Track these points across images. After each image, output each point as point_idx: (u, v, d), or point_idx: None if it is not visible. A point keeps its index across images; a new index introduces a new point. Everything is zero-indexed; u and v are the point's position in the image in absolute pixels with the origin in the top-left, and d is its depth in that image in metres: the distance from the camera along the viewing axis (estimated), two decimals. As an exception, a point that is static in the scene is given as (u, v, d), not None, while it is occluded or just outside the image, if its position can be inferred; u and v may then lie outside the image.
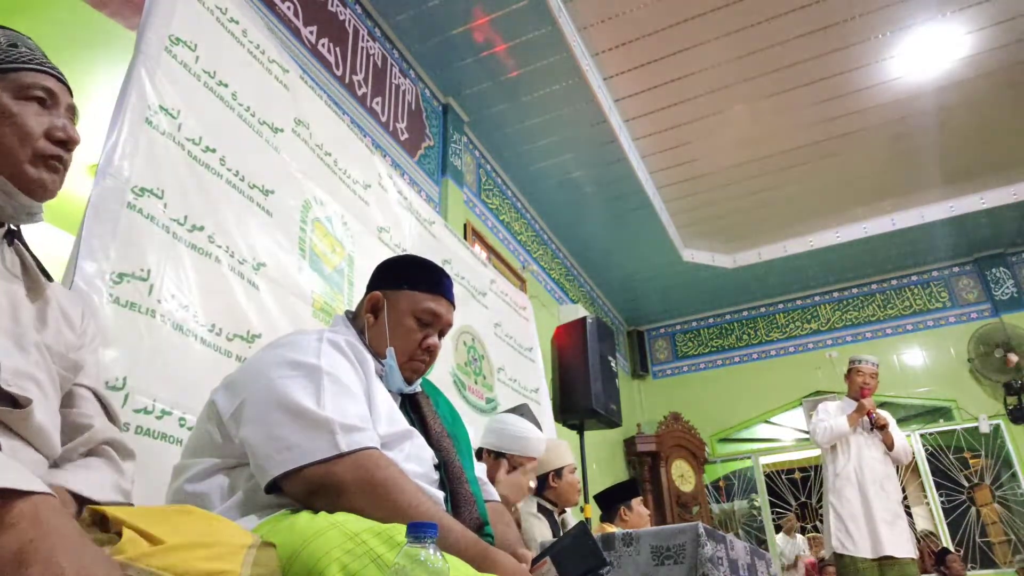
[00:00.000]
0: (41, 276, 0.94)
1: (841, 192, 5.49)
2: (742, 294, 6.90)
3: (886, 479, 3.56)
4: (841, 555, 3.48)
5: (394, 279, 1.38)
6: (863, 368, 3.72)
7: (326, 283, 2.22)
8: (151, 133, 1.67)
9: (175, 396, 1.50)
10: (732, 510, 6.68)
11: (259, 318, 1.84)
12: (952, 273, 6.37)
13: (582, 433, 3.40)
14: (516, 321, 3.81)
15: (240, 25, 2.16)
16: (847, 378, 3.81)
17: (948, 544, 5.56)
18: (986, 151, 5.06)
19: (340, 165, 2.55)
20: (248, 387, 1.14)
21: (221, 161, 1.90)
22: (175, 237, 1.66)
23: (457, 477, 1.27)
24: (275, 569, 0.77)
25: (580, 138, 4.61)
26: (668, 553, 1.92)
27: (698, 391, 7.00)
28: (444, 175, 3.99)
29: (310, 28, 3.04)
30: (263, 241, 1.98)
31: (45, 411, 0.83)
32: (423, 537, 0.75)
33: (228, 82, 2.01)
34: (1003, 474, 5.74)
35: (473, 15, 3.70)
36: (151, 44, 1.74)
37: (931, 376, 6.09)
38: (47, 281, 0.94)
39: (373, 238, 2.61)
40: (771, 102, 4.55)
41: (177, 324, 1.58)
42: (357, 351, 1.25)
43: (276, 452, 1.04)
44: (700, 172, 5.22)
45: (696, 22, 3.92)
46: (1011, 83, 4.44)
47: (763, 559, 2.55)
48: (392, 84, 3.70)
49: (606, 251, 6.00)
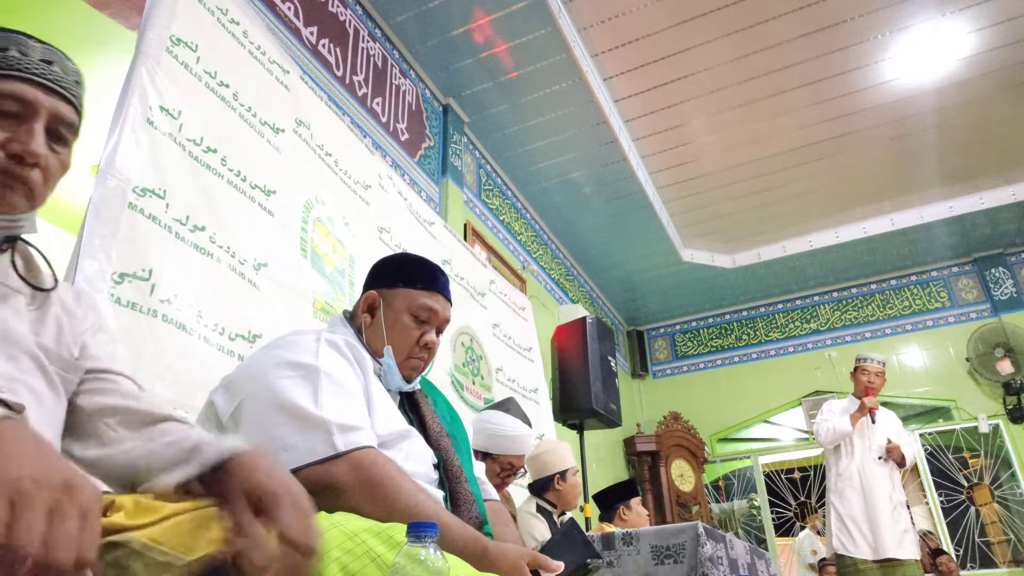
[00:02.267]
0: (47, 279, 0.93)
1: (840, 192, 5.50)
2: (742, 294, 6.90)
3: (888, 480, 3.55)
4: (842, 556, 3.48)
5: (389, 277, 1.38)
6: (868, 367, 3.70)
7: (327, 283, 2.23)
8: (152, 134, 1.68)
9: (177, 395, 1.51)
10: (732, 510, 6.69)
11: (261, 318, 1.85)
12: (951, 273, 6.38)
13: (582, 433, 3.41)
14: (515, 321, 3.82)
15: (241, 26, 2.17)
16: (853, 376, 3.78)
17: (948, 544, 5.57)
18: (986, 151, 5.07)
19: (341, 165, 2.56)
20: (246, 387, 1.14)
21: (222, 161, 1.90)
22: (177, 237, 1.67)
23: (456, 476, 1.27)
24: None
25: (580, 138, 4.62)
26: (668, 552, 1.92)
27: (698, 391, 7.01)
28: (444, 175, 3.99)
29: (311, 29, 3.05)
30: (264, 241, 1.98)
31: (40, 417, 0.83)
32: (423, 536, 0.76)
33: (229, 83, 2.02)
34: (1002, 474, 5.75)
35: (473, 16, 3.70)
36: (152, 45, 1.74)
37: (930, 376, 6.10)
38: (53, 284, 0.93)
39: (374, 238, 2.62)
40: (771, 102, 4.55)
41: (179, 324, 1.59)
42: (355, 351, 1.25)
43: (274, 452, 1.05)
44: (700, 172, 5.22)
45: (696, 23, 3.92)
46: (1011, 83, 4.44)
47: (763, 558, 2.55)
48: (392, 84, 3.70)
49: (606, 251, 6.01)
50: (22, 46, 0.85)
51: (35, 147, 0.83)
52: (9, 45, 0.84)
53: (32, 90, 0.84)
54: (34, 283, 0.90)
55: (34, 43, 0.87)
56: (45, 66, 0.86)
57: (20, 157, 0.82)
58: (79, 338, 0.96)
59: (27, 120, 0.84)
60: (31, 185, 0.84)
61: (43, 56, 0.87)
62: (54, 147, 0.87)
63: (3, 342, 0.82)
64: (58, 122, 0.87)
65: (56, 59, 0.88)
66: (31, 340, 0.86)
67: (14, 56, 0.84)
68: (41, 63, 0.86)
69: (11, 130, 0.83)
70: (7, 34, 0.85)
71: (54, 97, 0.86)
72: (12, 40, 0.85)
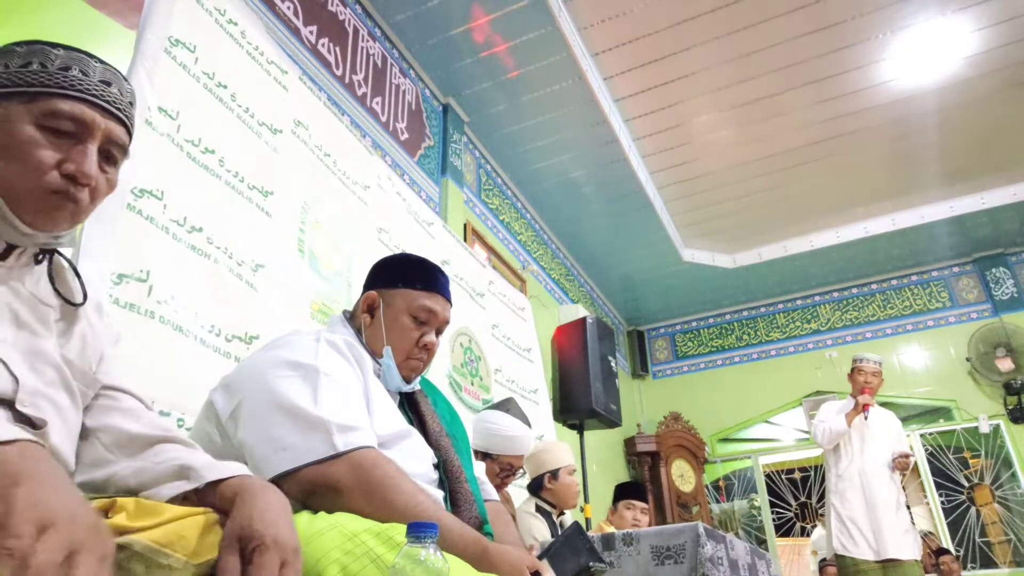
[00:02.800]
0: (78, 294, 0.94)
1: (841, 192, 5.49)
2: (742, 294, 6.90)
3: (889, 481, 3.55)
4: (843, 556, 3.48)
5: (389, 278, 1.38)
6: (864, 367, 3.72)
7: (325, 284, 2.22)
8: (150, 134, 1.67)
9: (174, 397, 1.50)
10: (732, 510, 6.68)
11: (258, 319, 1.84)
12: (952, 273, 6.37)
13: (582, 433, 3.40)
14: (514, 322, 3.81)
15: (239, 26, 2.16)
16: (850, 377, 3.79)
17: (948, 544, 5.56)
18: (986, 151, 5.06)
19: (339, 166, 2.55)
20: (246, 387, 1.14)
21: (220, 162, 1.90)
22: (175, 238, 1.67)
23: (456, 476, 1.27)
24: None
25: (580, 138, 4.61)
26: (668, 553, 1.92)
27: (698, 391, 7.00)
28: (444, 175, 3.99)
29: (310, 28, 3.04)
30: (262, 242, 1.98)
31: (61, 431, 0.83)
32: (423, 537, 0.75)
33: (227, 83, 2.02)
34: (1003, 474, 5.74)
35: (473, 15, 3.70)
36: (150, 45, 1.74)
37: (931, 376, 6.09)
38: (83, 299, 0.94)
39: (372, 239, 2.62)
40: (772, 102, 4.55)
41: (175, 325, 1.58)
42: (355, 351, 1.25)
43: (273, 452, 1.04)
44: (700, 172, 5.22)
45: (696, 22, 3.92)
46: (1012, 83, 4.44)
47: (763, 559, 2.55)
48: (392, 84, 3.70)
49: (606, 251, 6.00)
50: (84, 65, 0.86)
51: (88, 168, 0.84)
52: (72, 64, 0.85)
53: (90, 111, 0.85)
54: (67, 297, 0.91)
55: (95, 63, 0.87)
56: (104, 87, 0.87)
57: (73, 178, 0.83)
58: (99, 351, 0.96)
59: (82, 141, 0.84)
60: (80, 205, 0.85)
61: (102, 77, 0.87)
62: (104, 167, 0.88)
63: (30, 355, 0.82)
64: (111, 143, 0.88)
65: (114, 80, 0.89)
66: (57, 353, 0.86)
67: (75, 76, 0.84)
68: (100, 84, 0.86)
69: (66, 150, 0.83)
70: (71, 53, 0.86)
71: (110, 119, 0.87)
72: (75, 60, 0.86)
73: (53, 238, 0.87)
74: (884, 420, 3.73)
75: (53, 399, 0.83)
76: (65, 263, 0.94)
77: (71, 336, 0.91)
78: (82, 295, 0.94)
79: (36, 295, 0.87)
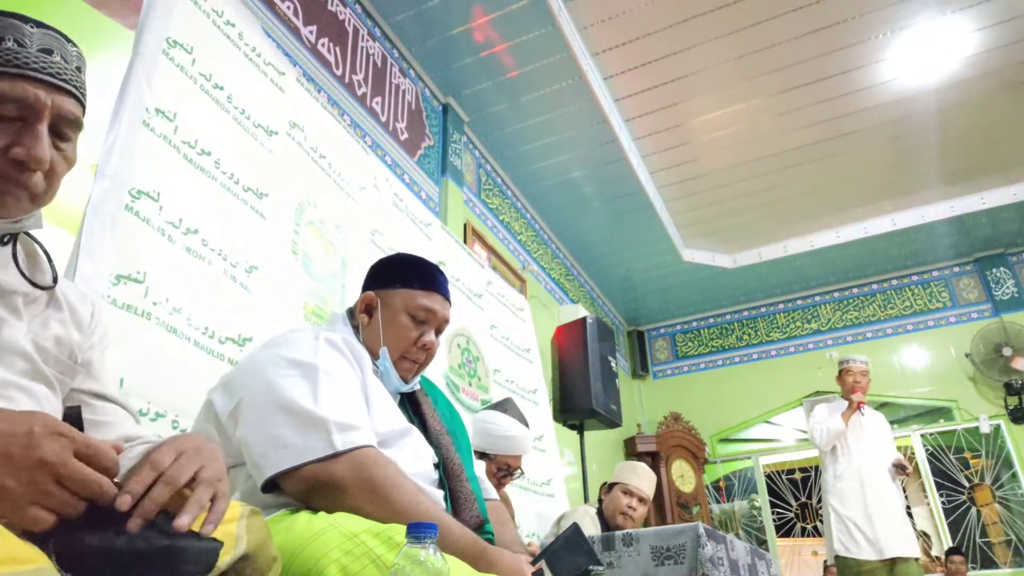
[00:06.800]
0: (48, 276, 0.89)
1: (841, 192, 5.49)
2: (742, 294, 6.89)
3: (887, 480, 3.56)
4: (844, 558, 3.48)
5: (387, 278, 1.37)
6: (853, 367, 3.78)
7: (319, 286, 2.22)
8: (148, 136, 1.67)
9: (169, 398, 1.51)
10: (732, 510, 6.67)
11: (251, 321, 1.84)
12: (952, 273, 6.36)
13: (582, 433, 3.40)
14: (513, 322, 3.81)
15: (236, 28, 2.16)
16: (839, 379, 3.87)
17: (948, 544, 5.55)
18: (986, 151, 5.05)
19: (335, 168, 2.55)
20: (245, 386, 1.14)
21: (216, 164, 1.90)
22: (170, 240, 1.67)
23: (456, 475, 1.27)
24: (267, 534, 0.77)
25: (580, 138, 4.61)
26: (668, 553, 1.91)
27: (698, 391, 7.00)
28: (444, 175, 3.99)
29: (310, 28, 3.04)
30: (256, 244, 1.97)
31: None
32: (423, 537, 0.75)
33: (224, 85, 2.02)
34: (1003, 474, 5.74)
35: (473, 15, 3.70)
36: (148, 46, 1.74)
37: (931, 376, 6.09)
38: (54, 281, 0.89)
39: (367, 241, 2.61)
40: (771, 102, 4.54)
41: (171, 327, 1.58)
42: (354, 349, 1.24)
43: (273, 451, 1.04)
44: (700, 172, 5.21)
45: (696, 22, 3.92)
46: (1012, 83, 4.43)
47: (763, 559, 2.55)
48: (392, 84, 3.69)
49: (606, 251, 6.00)
50: (18, 34, 0.78)
51: (40, 153, 0.78)
52: (5, 34, 0.77)
53: (33, 89, 0.77)
54: (35, 280, 0.86)
55: (31, 29, 0.79)
56: (45, 57, 0.79)
57: (23, 163, 0.77)
58: (87, 352, 0.93)
59: (30, 122, 0.78)
60: (33, 190, 0.80)
61: (41, 45, 0.79)
62: (58, 145, 0.82)
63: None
64: (61, 119, 0.81)
65: (56, 46, 0.81)
66: (26, 341, 0.83)
67: (11, 49, 0.77)
68: (40, 55, 0.78)
69: (12, 134, 0.77)
70: (2, 20, 0.78)
71: (56, 93, 0.79)
72: (7, 27, 0.78)
73: (13, 223, 0.82)
74: (877, 419, 3.78)
75: (27, 389, 0.80)
76: (36, 246, 0.89)
77: (47, 324, 0.87)
78: (52, 277, 0.89)
79: (2, 279, 0.82)
